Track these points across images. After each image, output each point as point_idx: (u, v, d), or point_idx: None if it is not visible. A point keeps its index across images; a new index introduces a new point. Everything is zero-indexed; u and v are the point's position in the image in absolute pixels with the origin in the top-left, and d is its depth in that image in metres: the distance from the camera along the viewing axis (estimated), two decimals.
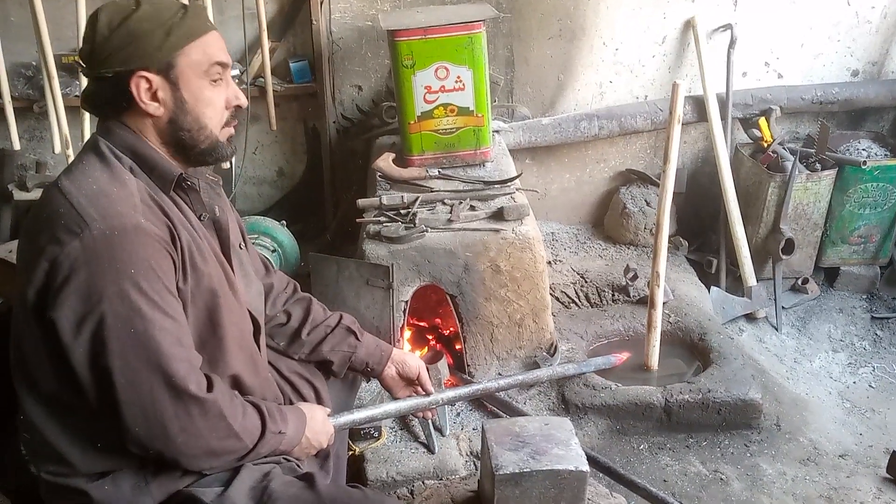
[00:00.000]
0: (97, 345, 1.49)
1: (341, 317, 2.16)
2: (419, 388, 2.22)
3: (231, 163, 3.72)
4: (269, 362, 2.02)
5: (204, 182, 1.79)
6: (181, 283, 1.61)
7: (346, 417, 2.06)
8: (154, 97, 1.64)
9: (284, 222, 3.66)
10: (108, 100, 1.66)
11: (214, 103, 1.71)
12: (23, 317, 1.58)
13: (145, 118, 1.66)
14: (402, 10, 3.73)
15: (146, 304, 1.51)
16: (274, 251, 3.50)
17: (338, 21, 3.81)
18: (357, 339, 2.14)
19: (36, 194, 3.71)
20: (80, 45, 1.68)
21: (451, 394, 2.31)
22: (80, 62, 1.67)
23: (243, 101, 1.77)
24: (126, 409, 1.51)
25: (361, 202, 3.16)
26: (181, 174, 1.69)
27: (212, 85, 1.70)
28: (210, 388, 1.60)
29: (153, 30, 1.61)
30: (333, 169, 4.01)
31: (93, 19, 1.63)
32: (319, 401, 2.06)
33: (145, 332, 1.50)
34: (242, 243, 1.95)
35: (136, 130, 1.67)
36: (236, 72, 3.71)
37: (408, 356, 2.23)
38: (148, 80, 1.62)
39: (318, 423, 1.89)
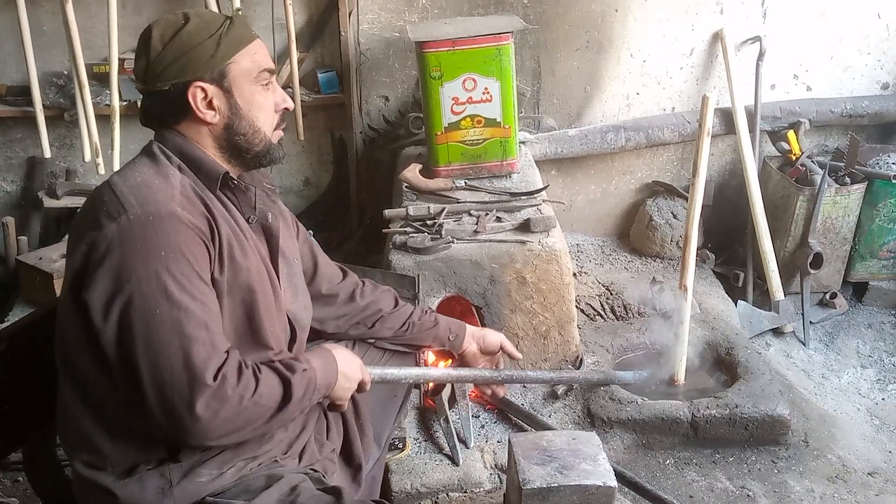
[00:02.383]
0: (124, 325, 1.51)
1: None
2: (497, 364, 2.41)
3: None
4: None
5: (261, 189, 1.83)
6: (217, 273, 1.63)
7: (379, 371, 2.04)
8: (210, 105, 1.71)
9: (311, 232, 3.66)
10: (166, 111, 1.72)
11: (266, 107, 1.77)
12: (65, 301, 1.61)
13: (201, 126, 1.73)
14: (431, 21, 3.74)
15: (174, 286, 1.53)
16: None
17: (366, 32, 3.82)
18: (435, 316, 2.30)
19: (65, 202, 3.75)
20: (134, 61, 1.73)
21: (487, 374, 2.36)
22: (135, 78, 1.73)
23: (290, 103, 1.84)
24: (148, 390, 1.51)
25: (388, 212, 3.16)
26: (226, 173, 1.73)
27: (262, 90, 1.76)
28: (223, 366, 1.55)
29: (204, 41, 1.68)
30: (360, 179, 4.02)
31: (146, 35, 1.70)
32: (357, 411, 2.08)
33: (170, 313, 1.52)
34: (298, 258, 1.97)
35: (191, 137, 1.73)
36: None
37: (486, 331, 2.39)
38: (203, 90, 1.69)
39: (346, 358, 1.87)
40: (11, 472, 2.78)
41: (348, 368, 1.85)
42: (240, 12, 1.58)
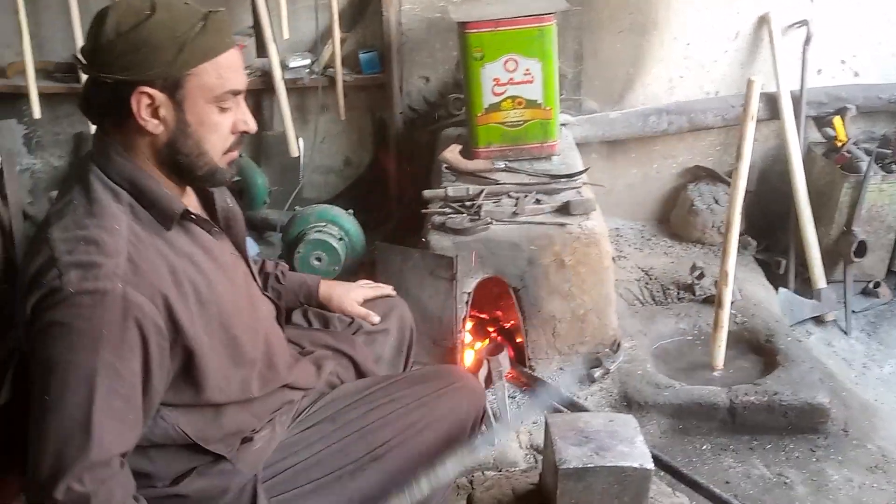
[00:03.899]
0: (34, 398, 1.42)
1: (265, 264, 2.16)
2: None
3: (300, 151, 3.77)
4: (291, 340, 1.97)
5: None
6: (188, 325, 1.51)
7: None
8: (155, 114, 1.50)
9: (352, 211, 3.69)
10: (106, 107, 1.53)
11: (220, 129, 1.57)
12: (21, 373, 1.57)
13: (141, 134, 1.53)
14: (473, 2, 3.72)
15: (77, 379, 1.39)
16: (341, 239, 3.52)
17: (408, 12, 3.82)
18: (279, 282, 2.13)
19: None
20: (85, 41, 1.54)
21: None
22: (80, 58, 1.52)
23: (252, 126, 1.62)
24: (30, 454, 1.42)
25: (427, 193, 3.17)
26: (186, 210, 1.57)
27: (220, 110, 1.56)
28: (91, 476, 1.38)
29: (164, 42, 1.46)
30: (399, 159, 4.03)
31: (100, 18, 1.49)
32: (359, 372, 2.01)
33: (59, 404, 1.39)
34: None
35: (132, 147, 1.54)
36: (307, 61, 3.76)
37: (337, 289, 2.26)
38: (150, 96, 1.48)
39: None
40: None
41: None
42: (222, 9, 1.37)
